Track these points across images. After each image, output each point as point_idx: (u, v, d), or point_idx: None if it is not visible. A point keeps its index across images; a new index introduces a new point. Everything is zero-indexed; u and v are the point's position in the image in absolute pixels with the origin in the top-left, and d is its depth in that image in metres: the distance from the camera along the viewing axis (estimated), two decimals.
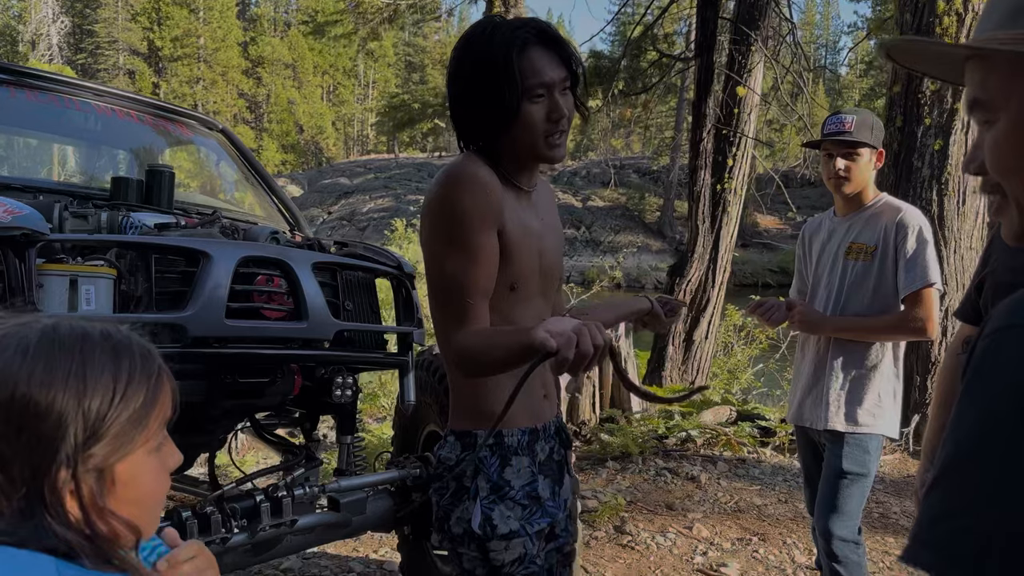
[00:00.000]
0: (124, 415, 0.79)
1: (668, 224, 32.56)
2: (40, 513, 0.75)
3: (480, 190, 1.41)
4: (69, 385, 0.77)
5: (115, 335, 0.83)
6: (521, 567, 1.49)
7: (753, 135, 7.66)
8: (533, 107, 1.43)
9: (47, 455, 0.75)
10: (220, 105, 48.73)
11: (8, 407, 0.75)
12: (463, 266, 1.42)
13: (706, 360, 7.65)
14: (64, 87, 3.10)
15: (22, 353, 0.77)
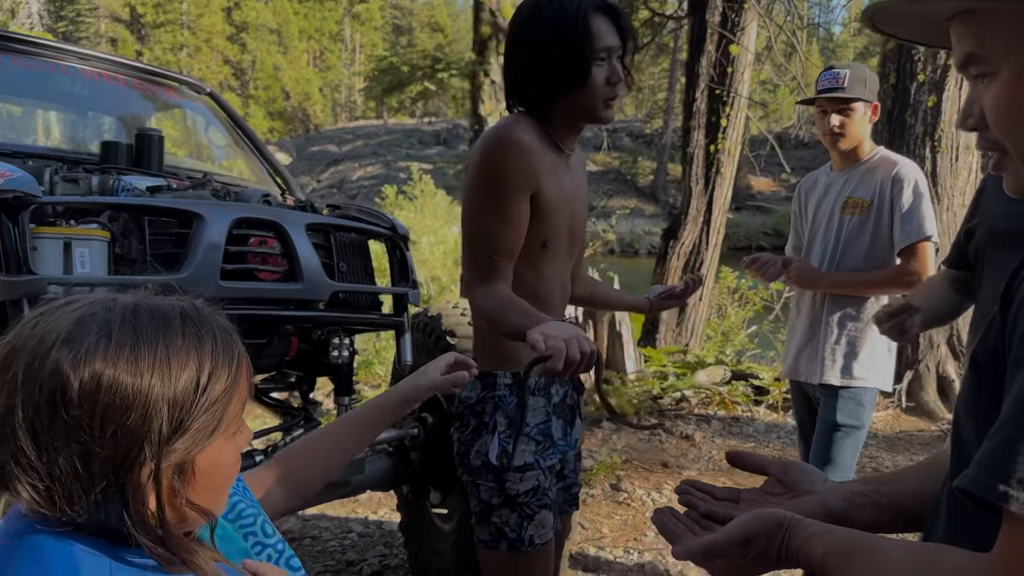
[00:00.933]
0: (208, 404, 0.75)
1: (661, 188, 32.48)
2: (117, 511, 0.72)
3: (520, 155, 1.51)
4: (155, 374, 0.72)
5: (195, 317, 0.78)
6: (534, 498, 1.60)
7: (747, 95, 7.61)
8: (597, 69, 1.53)
9: (132, 449, 0.71)
10: (205, 72, 48.04)
11: (93, 396, 0.70)
12: (494, 226, 1.54)
13: (700, 322, 7.68)
14: (49, 51, 3.04)
15: (105, 339, 0.72)
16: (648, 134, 35.99)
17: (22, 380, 0.70)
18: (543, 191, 1.55)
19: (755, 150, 21.61)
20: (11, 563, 0.71)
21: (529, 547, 1.61)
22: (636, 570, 3.17)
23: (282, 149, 37.04)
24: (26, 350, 0.71)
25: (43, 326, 0.73)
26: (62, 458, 0.70)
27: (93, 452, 0.70)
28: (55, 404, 0.69)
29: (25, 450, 0.70)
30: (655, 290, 1.99)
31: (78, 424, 0.69)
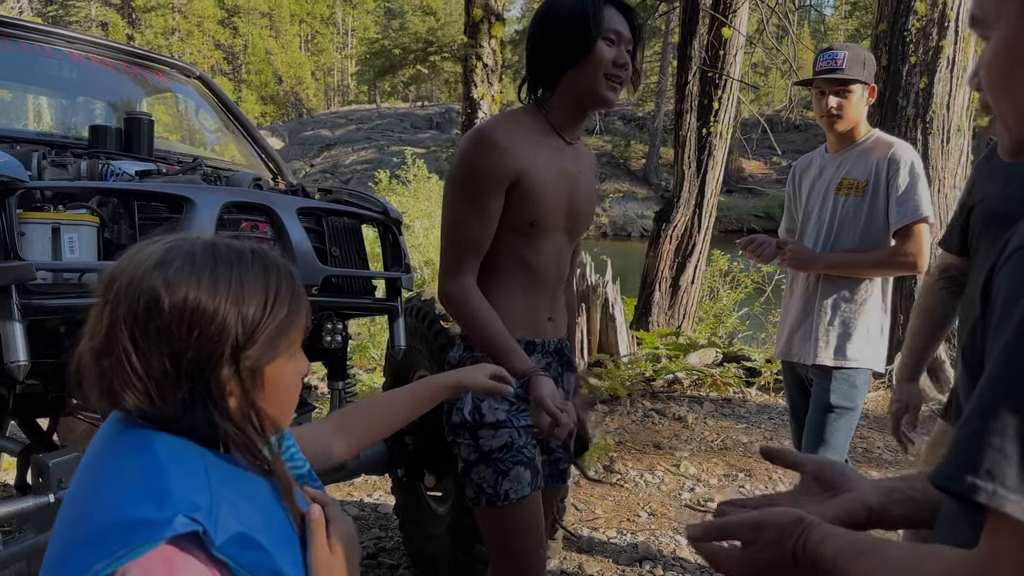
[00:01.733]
0: (273, 323, 0.88)
1: (654, 171, 32.45)
2: (202, 405, 0.85)
3: (495, 153, 1.62)
4: (232, 293, 0.86)
5: (265, 254, 0.92)
6: (508, 454, 1.69)
7: (739, 77, 7.60)
8: (605, 47, 1.63)
9: (215, 352, 0.85)
10: (197, 56, 47.62)
11: (181, 309, 0.84)
12: (466, 217, 1.66)
13: (692, 305, 7.70)
14: (36, 35, 3.01)
15: (190, 263, 0.86)
16: (640, 117, 35.93)
17: (124, 295, 0.85)
18: (529, 176, 1.65)
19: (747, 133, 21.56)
20: (119, 450, 0.85)
21: (504, 501, 1.69)
22: (629, 550, 3.19)
23: (275, 134, 36.83)
24: (126, 272, 0.86)
25: (139, 255, 0.88)
26: (155, 359, 0.84)
27: (180, 354, 0.84)
28: (150, 313, 0.83)
29: (127, 353, 0.84)
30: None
31: (168, 329, 0.83)
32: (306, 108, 51.96)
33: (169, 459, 0.83)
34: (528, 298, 1.76)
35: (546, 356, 1.80)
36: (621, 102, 30.42)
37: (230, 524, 0.81)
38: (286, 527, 0.90)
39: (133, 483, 0.81)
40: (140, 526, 0.77)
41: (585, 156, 1.85)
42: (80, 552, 0.78)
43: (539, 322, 1.78)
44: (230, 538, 0.80)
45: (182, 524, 0.77)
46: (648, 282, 7.60)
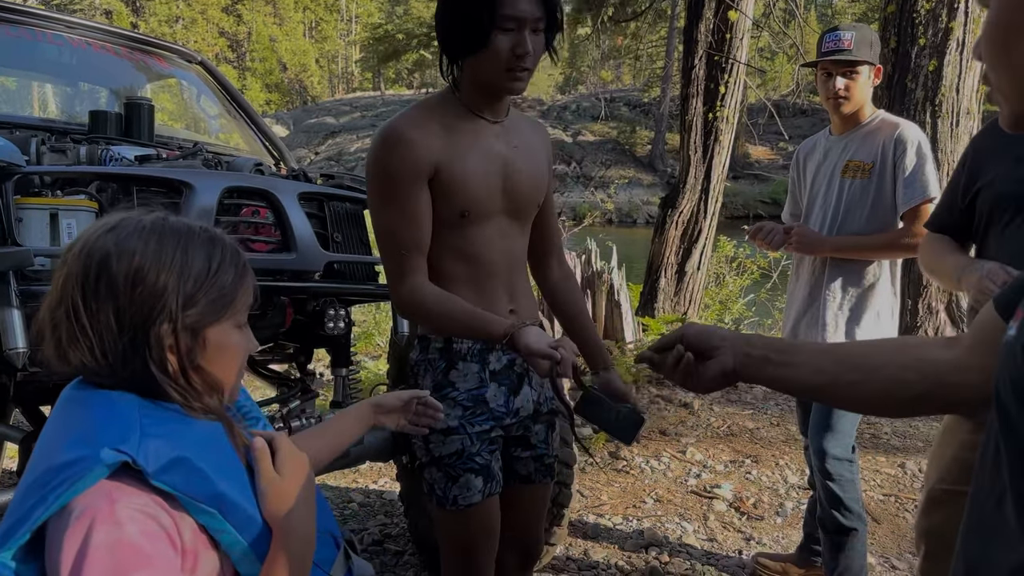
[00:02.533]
0: (215, 289, 0.96)
1: (659, 157, 32.28)
2: (141, 358, 0.92)
3: (404, 149, 1.54)
4: (176, 257, 0.94)
5: (213, 231, 1.01)
6: (459, 461, 1.66)
7: (745, 61, 7.53)
8: (502, 37, 1.51)
9: (154, 308, 0.92)
10: (201, 44, 47.46)
11: (128, 268, 0.92)
12: (395, 221, 1.58)
13: (698, 291, 7.66)
14: (36, 20, 2.99)
15: (140, 230, 0.95)
16: (646, 103, 35.70)
17: (77, 255, 0.93)
18: (446, 166, 1.57)
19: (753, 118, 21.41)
20: (67, 409, 0.94)
21: (452, 506, 1.68)
22: (635, 536, 3.18)
23: (279, 122, 36.77)
24: (82, 237, 0.96)
25: (101, 221, 0.98)
26: (101, 314, 0.91)
27: (124, 309, 0.92)
28: (100, 270, 0.92)
29: (76, 308, 0.92)
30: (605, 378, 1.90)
31: (114, 286, 0.91)
32: (310, 96, 51.82)
33: (104, 410, 0.91)
34: (480, 293, 1.67)
35: (508, 353, 1.70)
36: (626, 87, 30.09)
37: (162, 453, 0.87)
38: (232, 459, 0.97)
39: (70, 432, 0.89)
40: (70, 465, 0.83)
41: (523, 129, 1.73)
42: (24, 500, 0.84)
43: (498, 316, 1.67)
44: (164, 465, 0.86)
45: (108, 456, 0.83)
46: (654, 268, 7.56)
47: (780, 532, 3.27)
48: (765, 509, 3.49)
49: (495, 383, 1.69)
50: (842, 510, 2.45)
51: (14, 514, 0.85)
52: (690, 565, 2.96)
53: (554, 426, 1.85)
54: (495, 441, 1.72)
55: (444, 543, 1.76)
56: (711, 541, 3.18)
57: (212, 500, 0.89)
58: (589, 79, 44.61)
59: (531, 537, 1.90)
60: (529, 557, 1.93)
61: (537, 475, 1.84)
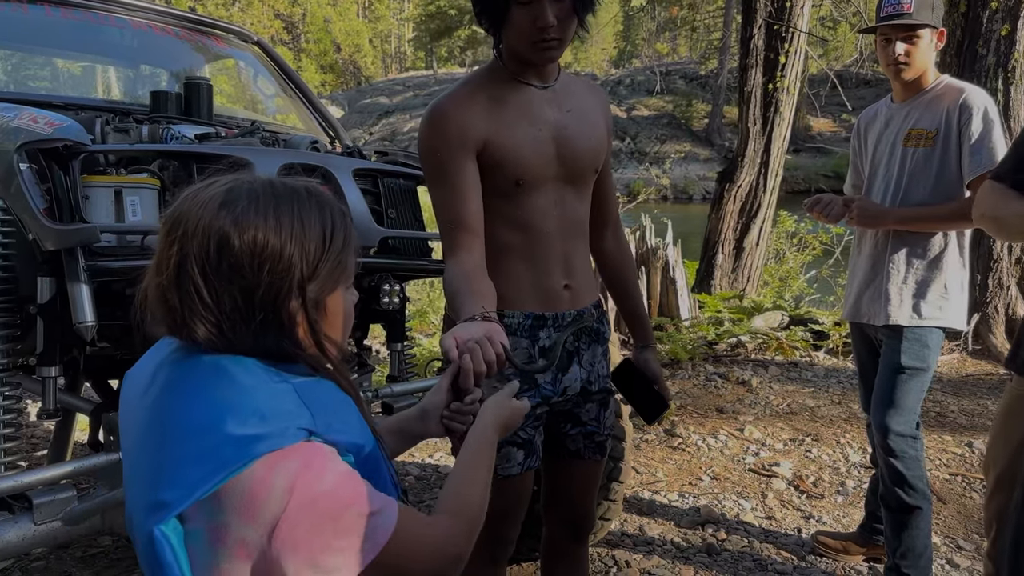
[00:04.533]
0: (332, 256, 0.95)
1: (717, 131, 31.67)
2: (274, 335, 0.92)
3: (448, 126, 1.54)
4: (295, 230, 0.92)
5: (319, 191, 0.99)
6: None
7: (806, 30, 7.30)
8: (520, 10, 1.47)
9: (283, 286, 0.91)
10: (257, 27, 48.03)
11: (251, 247, 0.90)
12: (444, 197, 1.57)
13: (756, 267, 7.52)
14: (99, 4, 3.06)
15: (255, 203, 0.92)
16: (703, 76, 35.01)
17: (192, 234, 0.90)
18: (496, 138, 1.56)
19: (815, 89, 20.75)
20: (192, 377, 0.91)
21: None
22: (691, 513, 3.16)
23: (334, 102, 37.15)
24: (191, 212, 0.91)
25: (201, 195, 0.93)
26: (226, 294, 0.90)
27: (252, 289, 0.90)
28: (221, 252, 0.89)
29: (198, 288, 0.89)
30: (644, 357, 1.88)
31: (239, 266, 0.89)
32: (364, 76, 52.19)
33: (254, 380, 0.89)
34: (534, 264, 1.65)
35: (559, 330, 1.67)
36: (682, 60, 29.64)
37: (319, 413, 0.89)
38: (354, 411, 0.98)
39: (226, 403, 0.87)
40: (250, 440, 0.83)
41: (577, 92, 1.69)
42: (189, 468, 0.84)
43: (549, 292, 1.66)
44: (324, 424, 0.89)
45: (293, 435, 0.85)
46: (710, 244, 7.44)
47: (841, 511, 3.21)
48: (825, 488, 3.42)
49: (544, 360, 1.67)
50: (905, 488, 2.39)
51: (177, 483, 0.84)
52: (748, 543, 2.93)
53: (607, 405, 1.83)
54: (540, 418, 1.71)
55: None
56: (769, 519, 3.14)
57: (351, 447, 0.92)
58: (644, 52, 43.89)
59: (581, 510, 1.90)
60: (580, 530, 1.92)
61: (587, 451, 1.82)
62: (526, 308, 1.66)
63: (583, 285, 1.73)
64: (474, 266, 1.54)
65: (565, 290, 1.68)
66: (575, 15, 1.51)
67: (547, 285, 1.66)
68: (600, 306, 1.80)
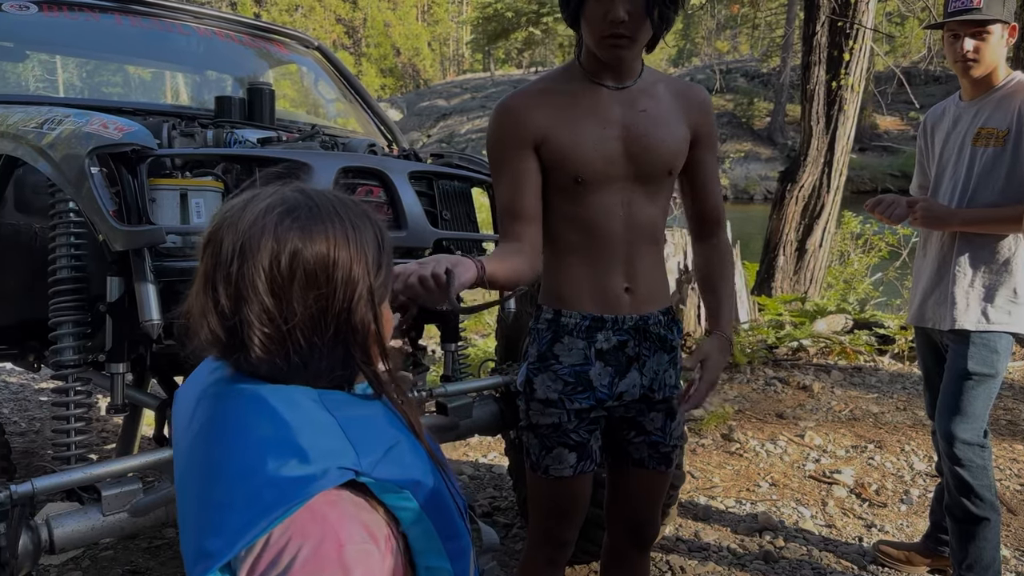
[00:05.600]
0: (385, 263, 0.94)
1: (779, 130, 31.07)
2: (343, 350, 0.89)
3: (508, 119, 1.59)
4: (357, 239, 0.89)
5: (360, 204, 0.96)
6: (555, 433, 1.68)
7: (872, 26, 7.11)
8: (593, 4, 1.49)
9: (355, 293, 0.88)
10: (319, 32, 49.03)
11: (324, 258, 0.87)
12: (501, 189, 1.63)
13: (819, 269, 7.35)
14: (166, 11, 3.16)
15: (316, 213, 0.89)
16: (765, 73, 34.37)
17: (253, 248, 0.85)
18: (556, 134, 1.58)
19: (881, 86, 20.16)
20: (234, 412, 0.87)
21: (544, 474, 1.70)
22: (748, 520, 3.10)
23: (393, 105, 37.66)
24: (248, 225, 0.86)
25: (253, 206, 0.89)
26: (300, 307, 0.86)
27: (326, 299, 0.87)
28: (292, 265, 0.85)
29: (265, 305, 0.85)
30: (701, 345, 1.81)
31: (314, 279, 0.86)
32: (423, 79, 52.76)
33: (300, 415, 0.86)
34: (591, 266, 1.64)
35: (619, 334, 1.65)
36: (744, 57, 29.24)
37: (370, 450, 0.85)
38: (404, 432, 0.92)
39: (268, 443, 0.83)
40: (293, 483, 0.80)
41: (659, 94, 1.65)
42: (233, 514, 0.81)
43: (608, 294, 1.64)
44: (375, 461, 0.84)
45: (336, 476, 0.81)
46: (772, 246, 7.30)
47: (904, 520, 3.12)
48: (888, 496, 3.33)
49: (601, 362, 1.66)
50: (972, 498, 2.30)
51: (223, 529, 0.81)
52: (806, 551, 2.87)
53: (673, 415, 1.77)
54: (596, 421, 1.70)
55: (532, 506, 1.79)
56: (829, 527, 3.07)
57: (407, 483, 0.86)
58: (703, 50, 43.31)
59: (644, 519, 1.86)
60: (643, 539, 1.88)
61: (651, 462, 1.77)
62: (583, 309, 1.65)
63: (648, 290, 1.68)
64: (512, 249, 1.59)
65: (626, 293, 1.66)
66: (648, 14, 1.49)
67: (606, 287, 1.64)
68: (670, 313, 1.75)
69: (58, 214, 1.98)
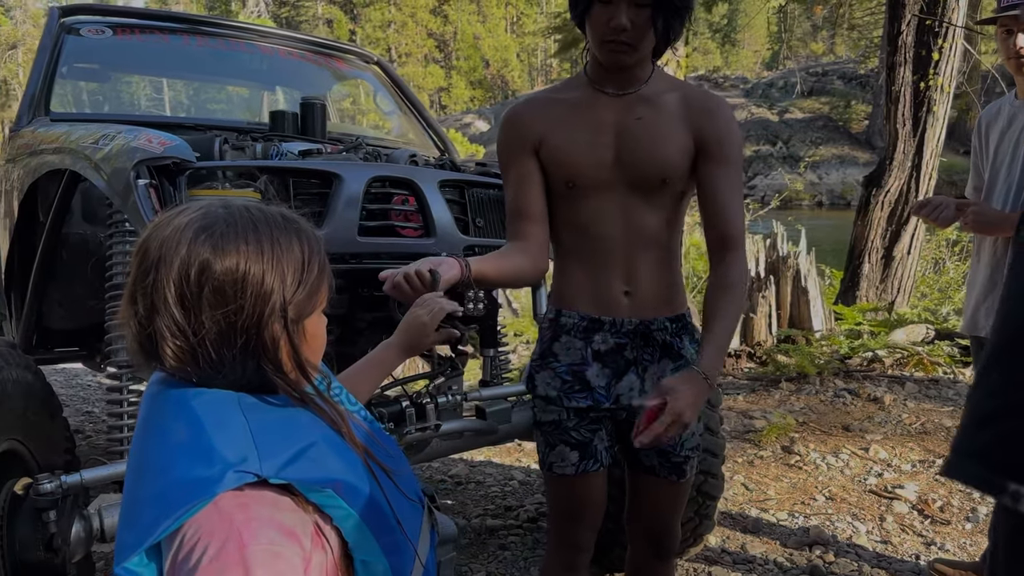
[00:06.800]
0: (310, 278, 0.95)
1: (878, 133, 29.83)
2: (254, 360, 0.91)
3: (510, 124, 1.68)
4: (274, 255, 0.92)
5: (291, 217, 0.98)
6: (556, 431, 1.71)
7: (963, 23, 6.79)
8: (599, 8, 1.50)
9: (264, 310, 0.90)
10: (411, 46, 50.26)
11: (233, 273, 0.89)
12: (507, 191, 1.70)
13: (908, 278, 7.02)
14: (231, 31, 3.34)
15: (233, 228, 0.91)
16: (862, 75, 33.14)
17: (167, 262, 0.88)
18: (550, 137, 1.63)
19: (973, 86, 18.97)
20: (163, 413, 0.91)
21: (549, 471, 1.74)
22: (800, 533, 3.02)
23: (481, 117, 38.13)
24: (168, 239, 0.90)
25: (176, 220, 0.92)
26: (208, 320, 0.88)
27: (234, 313, 0.89)
28: (201, 277, 0.88)
29: (175, 317, 0.88)
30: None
31: (221, 292, 0.88)
32: (511, 90, 53.24)
33: (213, 418, 0.89)
34: (590, 268, 1.66)
35: (617, 337, 1.65)
36: (840, 59, 28.19)
37: (277, 452, 0.87)
38: (332, 437, 0.95)
39: (182, 443, 0.87)
40: (193, 484, 0.83)
41: (661, 102, 1.62)
42: (146, 510, 0.85)
43: (606, 296, 1.65)
44: (282, 464, 0.86)
45: (232, 479, 0.83)
46: (856, 253, 7.04)
47: (968, 539, 2.97)
48: (954, 513, 3.17)
49: (598, 363, 1.66)
50: None
51: (136, 524, 0.86)
52: (857, 567, 2.77)
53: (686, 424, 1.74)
54: (598, 421, 1.70)
55: (548, 508, 1.83)
56: (885, 543, 2.95)
57: (327, 482, 0.89)
58: (799, 52, 42.10)
59: (660, 528, 1.83)
60: (662, 548, 1.85)
61: (663, 470, 1.74)
62: (581, 309, 1.67)
63: (650, 295, 1.65)
64: (512, 248, 1.66)
65: (625, 296, 1.64)
66: (653, 24, 1.50)
67: (604, 289, 1.65)
68: (680, 321, 1.70)
69: (114, 223, 2.13)
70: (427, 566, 1.08)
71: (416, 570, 1.03)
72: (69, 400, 5.23)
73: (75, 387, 5.72)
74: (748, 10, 40.05)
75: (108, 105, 3.67)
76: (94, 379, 5.69)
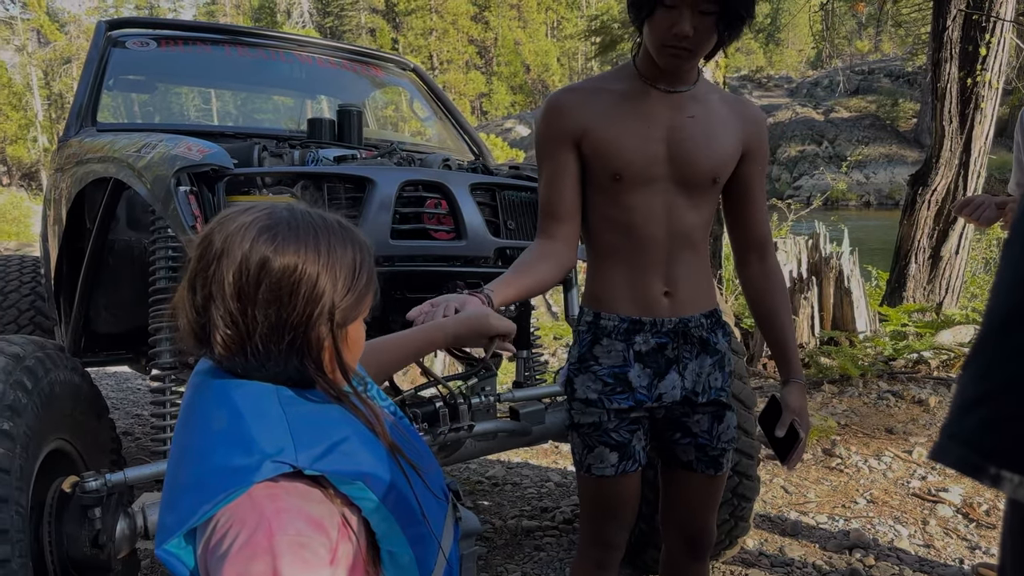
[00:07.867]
0: (359, 286, 0.98)
1: (926, 131, 29.14)
2: (298, 358, 0.95)
3: (552, 113, 1.62)
4: (329, 260, 0.95)
5: (350, 227, 1.02)
6: (595, 433, 1.69)
7: (1012, 17, 6.62)
8: (662, 11, 1.49)
9: (314, 311, 0.94)
10: (452, 53, 50.66)
11: (290, 272, 0.93)
12: (541, 183, 1.67)
13: (956, 278, 6.86)
14: (271, 41, 3.43)
15: (294, 231, 0.96)
16: (910, 73, 32.43)
17: (230, 255, 0.93)
18: (598, 129, 1.58)
19: None
20: (205, 402, 0.96)
21: (587, 473, 1.72)
22: (839, 536, 2.98)
23: (521, 121, 38.21)
24: (232, 234, 0.94)
25: (242, 218, 0.96)
26: (260, 315, 0.92)
27: (286, 311, 0.93)
28: (260, 274, 0.92)
29: (230, 308, 0.93)
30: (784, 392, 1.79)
31: (277, 289, 0.93)
32: None
33: (254, 409, 0.93)
34: (631, 269, 1.64)
35: (658, 337, 1.65)
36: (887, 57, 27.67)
37: (313, 445, 0.90)
38: (365, 434, 0.98)
39: (221, 432, 0.92)
40: (232, 472, 0.87)
41: (711, 102, 1.65)
42: (186, 495, 0.90)
43: (647, 297, 1.64)
44: (316, 456, 0.90)
45: (268, 469, 0.87)
46: (902, 253, 6.90)
47: None
48: (999, 517, 3.10)
49: (640, 364, 1.66)
50: None
51: (176, 508, 0.90)
52: (898, 570, 2.72)
53: (721, 418, 1.74)
54: (637, 421, 1.70)
55: (581, 507, 1.81)
56: (927, 547, 2.90)
57: (358, 475, 0.92)
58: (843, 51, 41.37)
59: (697, 526, 1.83)
60: (698, 547, 1.85)
61: (700, 465, 1.76)
62: (622, 311, 1.65)
63: (688, 294, 1.68)
64: (537, 253, 1.64)
65: (665, 297, 1.65)
66: (715, 33, 1.51)
67: (645, 290, 1.64)
68: (713, 316, 1.73)
69: (156, 230, 2.20)
70: (450, 559, 1.10)
71: (440, 562, 1.06)
72: (119, 403, 5.39)
73: (125, 391, 5.89)
74: (791, 8, 39.49)
75: (159, 116, 3.79)
76: (144, 383, 5.85)
